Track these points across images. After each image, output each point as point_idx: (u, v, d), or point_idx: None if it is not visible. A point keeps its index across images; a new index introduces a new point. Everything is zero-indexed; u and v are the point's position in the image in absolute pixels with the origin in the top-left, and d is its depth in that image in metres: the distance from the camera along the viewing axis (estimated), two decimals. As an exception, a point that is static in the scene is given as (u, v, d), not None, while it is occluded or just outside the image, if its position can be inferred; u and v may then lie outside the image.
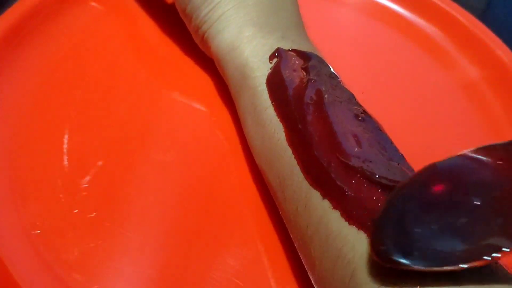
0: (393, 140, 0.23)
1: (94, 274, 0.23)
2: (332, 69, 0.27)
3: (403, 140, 0.23)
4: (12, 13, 0.31)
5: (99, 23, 0.35)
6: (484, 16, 0.41)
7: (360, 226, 0.19)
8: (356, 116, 0.23)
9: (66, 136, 0.28)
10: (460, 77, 0.37)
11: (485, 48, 0.37)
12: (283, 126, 0.24)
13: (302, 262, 0.23)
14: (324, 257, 0.20)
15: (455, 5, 0.39)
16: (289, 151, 0.23)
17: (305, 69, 0.26)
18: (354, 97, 0.25)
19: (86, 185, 0.26)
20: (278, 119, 0.24)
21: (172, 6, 0.34)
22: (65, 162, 0.27)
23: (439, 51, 0.38)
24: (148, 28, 0.36)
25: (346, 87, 0.26)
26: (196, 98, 0.32)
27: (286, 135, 0.24)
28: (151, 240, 0.25)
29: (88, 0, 0.35)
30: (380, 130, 0.23)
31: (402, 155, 0.22)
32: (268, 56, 0.27)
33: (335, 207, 0.20)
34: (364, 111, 0.24)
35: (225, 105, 0.32)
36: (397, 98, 0.35)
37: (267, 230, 0.26)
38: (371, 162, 0.21)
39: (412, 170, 0.22)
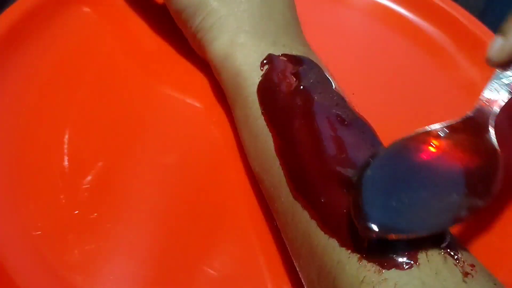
0: (393, 140, 0.23)
1: (95, 275, 0.23)
2: (326, 72, 0.26)
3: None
4: (11, 14, 0.31)
5: (96, 26, 0.35)
6: (484, 16, 0.41)
7: (332, 234, 0.20)
8: (343, 121, 0.23)
9: (66, 137, 0.28)
10: (460, 77, 0.37)
11: (485, 48, 0.37)
12: (272, 136, 0.24)
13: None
14: (311, 267, 0.21)
15: (455, 5, 0.39)
16: (277, 161, 0.23)
17: (295, 74, 0.26)
18: (345, 101, 0.25)
19: (87, 186, 0.26)
20: (268, 129, 0.24)
21: (165, 7, 0.34)
22: (66, 163, 0.27)
23: (439, 51, 0.38)
24: (144, 30, 0.35)
25: (341, 88, 0.26)
26: (196, 98, 0.32)
27: (274, 144, 0.24)
28: (151, 240, 0.25)
29: (81, 5, 0.35)
30: (369, 132, 0.23)
31: None
32: (259, 64, 0.27)
33: (312, 217, 0.21)
34: (354, 115, 0.24)
35: (226, 106, 0.32)
36: (397, 98, 0.35)
37: (263, 228, 0.26)
38: (354, 167, 0.21)
39: None
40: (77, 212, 0.25)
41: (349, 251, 0.19)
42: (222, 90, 0.30)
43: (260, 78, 0.26)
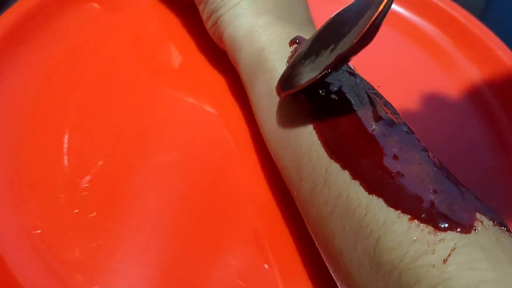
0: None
1: (95, 274, 0.23)
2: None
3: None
4: (12, 13, 0.31)
5: (100, 24, 0.35)
6: (484, 16, 0.41)
7: (379, 193, 0.20)
8: (376, 95, 0.24)
9: (66, 136, 0.28)
10: (460, 77, 0.37)
11: (485, 48, 0.37)
12: (305, 104, 0.24)
13: (310, 259, 0.23)
14: (345, 231, 0.20)
15: (455, 5, 0.39)
16: (309, 127, 0.23)
17: None
18: (370, 84, 0.26)
19: (86, 185, 0.26)
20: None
21: (175, 5, 0.34)
22: (65, 162, 0.27)
23: (439, 51, 0.38)
24: (148, 28, 0.36)
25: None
26: (196, 97, 0.32)
27: (308, 112, 0.24)
28: (152, 240, 0.25)
29: (89, 1, 0.35)
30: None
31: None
32: (286, 42, 0.27)
33: (354, 178, 0.21)
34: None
35: (231, 103, 0.32)
36: (397, 98, 0.35)
37: (275, 229, 0.26)
38: (392, 135, 0.22)
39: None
40: (76, 211, 0.25)
41: (399, 211, 0.19)
42: (229, 90, 0.30)
43: (290, 53, 0.26)
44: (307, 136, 0.23)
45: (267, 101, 0.26)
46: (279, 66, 0.26)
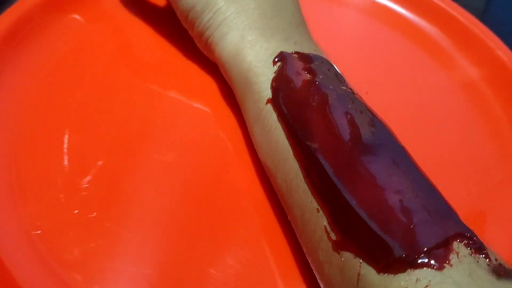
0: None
1: (95, 274, 0.23)
2: (337, 69, 0.27)
3: (403, 140, 0.23)
4: (12, 13, 0.31)
5: (92, 32, 0.35)
6: (484, 16, 0.41)
7: None
8: (360, 113, 0.23)
9: (66, 136, 0.28)
10: (460, 77, 0.37)
11: (485, 48, 0.37)
12: (284, 131, 0.24)
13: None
14: (332, 262, 0.20)
15: (455, 5, 0.39)
16: (291, 152, 0.23)
17: (309, 70, 0.26)
18: (358, 97, 0.25)
19: (86, 185, 0.26)
20: (281, 123, 0.24)
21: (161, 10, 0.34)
22: (65, 162, 0.27)
23: (439, 51, 0.38)
24: (138, 34, 0.36)
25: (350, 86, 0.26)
26: (196, 98, 0.32)
27: (288, 139, 0.24)
28: (152, 240, 0.25)
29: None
30: (386, 127, 0.23)
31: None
32: (271, 60, 0.27)
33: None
34: (368, 111, 0.24)
35: (227, 105, 0.32)
36: (397, 98, 0.35)
37: (273, 229, 0.26)
38: (378, 162, 0.21)
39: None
40: (76, 211, 0.25)
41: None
42: (228, 92, 0.30)
43: (274, 74, 0.26)
44: (291, 162, 0.23)
45: (257, 123, 0.26)
46: (265, 88, 0.26)
